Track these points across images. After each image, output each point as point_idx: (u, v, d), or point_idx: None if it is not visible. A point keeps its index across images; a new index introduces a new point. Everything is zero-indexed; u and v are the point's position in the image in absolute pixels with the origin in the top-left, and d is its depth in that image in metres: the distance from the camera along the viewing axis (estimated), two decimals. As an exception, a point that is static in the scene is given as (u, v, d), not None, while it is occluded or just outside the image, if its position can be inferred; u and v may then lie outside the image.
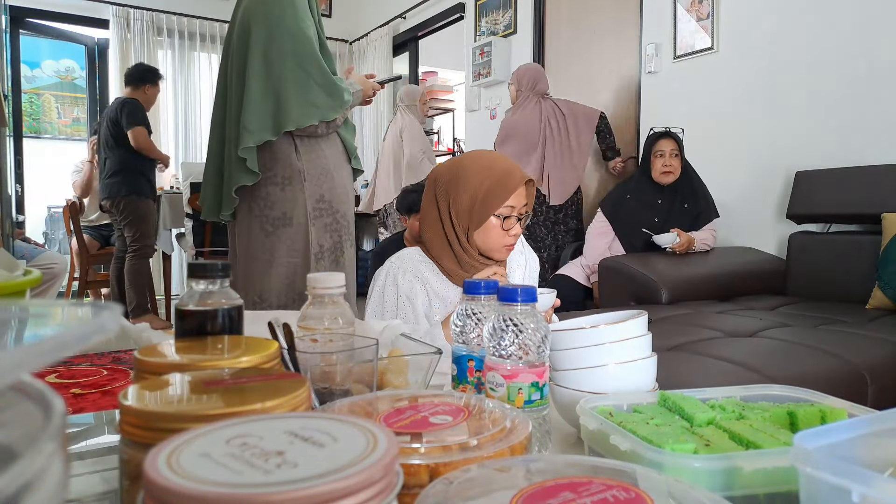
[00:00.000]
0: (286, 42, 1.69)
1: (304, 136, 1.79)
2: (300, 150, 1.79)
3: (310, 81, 1.71)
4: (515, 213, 1.29)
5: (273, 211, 1.80)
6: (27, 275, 0.74)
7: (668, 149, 2.86)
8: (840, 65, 2.69)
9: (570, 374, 0.70)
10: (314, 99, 1.72)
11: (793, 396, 0.63)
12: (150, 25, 5.39)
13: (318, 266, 1.83)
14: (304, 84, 1.71)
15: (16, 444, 0.23)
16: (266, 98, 1.72)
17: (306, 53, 1.69)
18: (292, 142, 1.79)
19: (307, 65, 1.70)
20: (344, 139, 1.90)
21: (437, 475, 0.40)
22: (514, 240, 1.31)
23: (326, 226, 1.84)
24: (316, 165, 1.81)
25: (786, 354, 1.69)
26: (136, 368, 0.49)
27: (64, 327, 0.31)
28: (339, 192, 1.86)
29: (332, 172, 1.84)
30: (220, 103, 1.89)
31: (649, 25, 3.52)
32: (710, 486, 0.45)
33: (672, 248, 2.74)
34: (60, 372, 0.69)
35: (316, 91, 1.72)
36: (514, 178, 1.28)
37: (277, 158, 1.79)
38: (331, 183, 1.84)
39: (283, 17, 1.68)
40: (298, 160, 1.79)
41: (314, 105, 1.72)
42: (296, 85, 1.70)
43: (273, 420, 0.36)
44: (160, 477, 0.28)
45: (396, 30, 5.65)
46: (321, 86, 1.72)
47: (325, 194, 1.83)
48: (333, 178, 1.84)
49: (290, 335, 0.61)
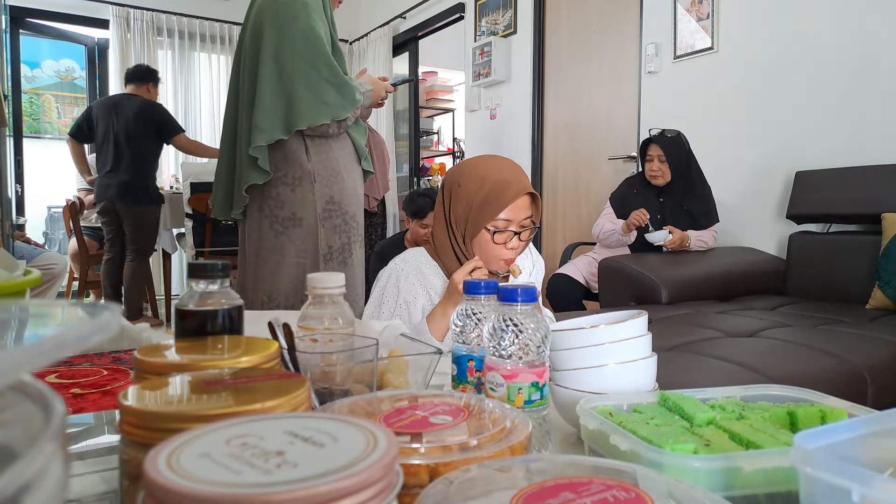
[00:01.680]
0: (298, 43, 1.69)
1: (315, 136, 1.79)
2: (311, 151, 1.80)
3: (321, 80, 1.71)
4: (514, 226, 1.24)
5: (283, 211, 1.81)
6: (27, 275, 0.74)
7: (654, 154, 2.87)
8: (840, 64, 2.69)
9: (570, 374, 0.70)
10: (325, 98, 1.72)
11: (793, 396, 0.63)
12: (150, 25, 5.39)
13: (327, 267, 1.83)
14: (316, 83, 1.71)
15: (16, 444, 0.23)
16: (278, 97, 1.73)
17: (318, 54, 1.70)
18: (303, 142, 1.79)
19: (319, 64, 1.70)
20: (354, 140, 1.90)
21: (437, 475, 0.40)
22: (511, 254, 1.27)
23: (336, 227, 1.85)
24: (326, 167, 1.81)
25: (786, 354, 1.69)
26: (136, 368, 0.49)
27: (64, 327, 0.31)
28: (348, 193, 1.86)
29: (342, 174, 1.84)
30: (232, 104, 1.90)
31: (649, 25, 3.52)
32: (710, 486, 0.45)
33: (665, 246, 2.74)
34: (60, 372, 0.69)
35: (327, 90, 1.72)
36: (508, 191, 1.22)
37: (288, 159, 1.79)
38: (341, 184, 1.84)
39: (295, 19, 1.69)
40: (309, 161, 1.79)
41: (325, 104, 1.72)
42: (307, 84, 1.71)
43: (273, 420, 0.36)
44: (160, 477, 0.28)
45: (396, 30, 5.66)
46: (332, 84, 1.73)
47: (335, 195, 1.84)
48: (343, 179, 1.85)
49: (290, 335, 0.61)
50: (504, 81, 4.48)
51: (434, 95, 6.24)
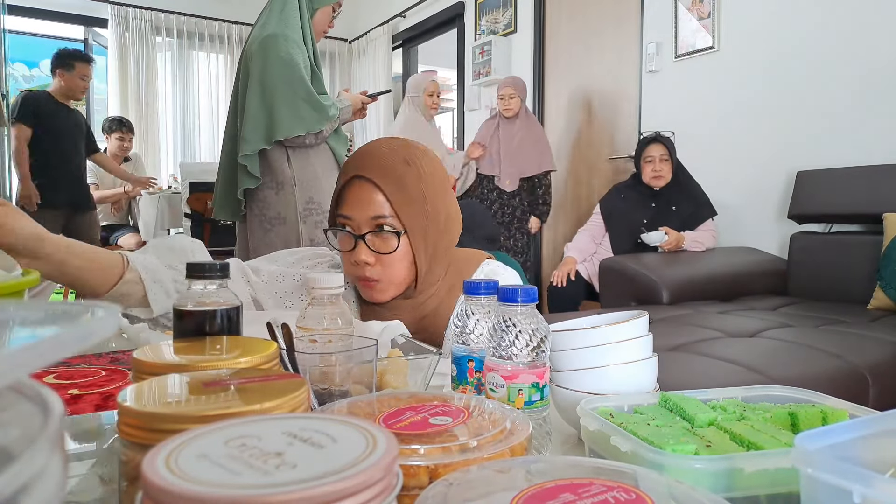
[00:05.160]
0: (278, 68, 2.00)
1: (295, 146, 2.08)
2: (291, 160, 2.08)
3: (297, 99, 2.01)
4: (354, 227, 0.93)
5: (269, 211, 2.11)
6: (26, 275, 0.74)
7: (657, 154, 2.87)
8: (842, 64, 2.69)
9: (571, 374, 0.70)
10: (301, 113, 2.02)
11: (794, 397, 0.62)
12: (149, 25, 5.40)
13: None
14: (292, 101, 2.01)
15: (14, 445, 0.23)
16: (260, 113, 2.02)
17: (295, 77, 2.00)
18: (285, 152, 2.08)
19: (296, 86, 2.01)
20: (333, 149, 2.19)
21: (436, 476, 0.40)
22: (358, 270, 0.93)
23: (317, 223, 2.11)
24: (306, 172, 2.10)
25: (787, 355, 1.69)
26: (135, 369, 0.49)
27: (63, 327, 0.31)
28: (326, 194, 2.11)
29: (320, 179, 2.12)
30: (231, 120, 2.19)
31: (650, 24, 3.52)
32: (711, 487, 0.45)
33: (661, 247, 2.75)
34: (58, 372, 0.68)
35: (302, 106, 2.02)
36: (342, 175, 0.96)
37: (272, 167, 2.08)
38: (319, 187, 2.11)
39: (276, 49, 2.01)
40: (290, 168, 2.08)
41: (301, 118, 2.02)
42: (285, 102, 2.00)
43: (272, 421, 0.36)
44: (158, 478, 0.28)
45: (396, 28, 5.66)
46: (307, 102, 2.03)
47: (314, 196, 2.11)
48: (321, 182, 2.11)
49: (289, 336, 0.60)
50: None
51: (434, 95, 6.23)
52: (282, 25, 2.04)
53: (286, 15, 2.07)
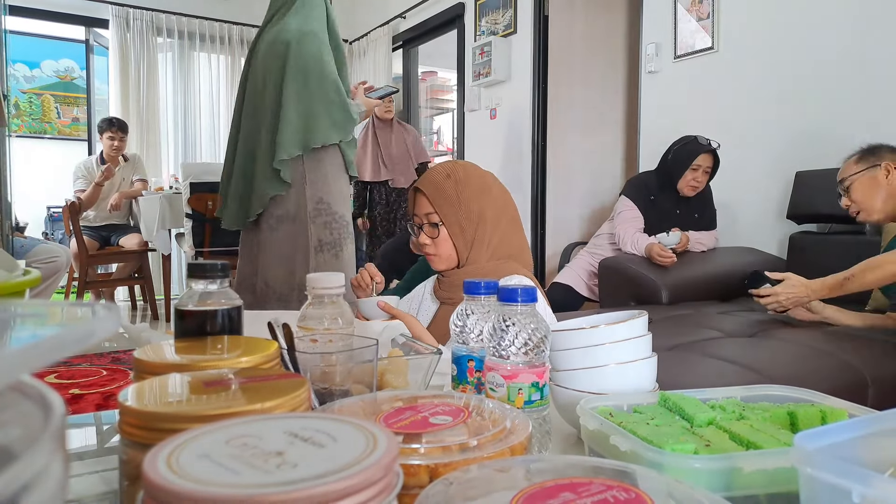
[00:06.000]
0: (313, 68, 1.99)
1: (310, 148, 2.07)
2: (305, 161, 2.08)
3: (332, 105, 2.03)
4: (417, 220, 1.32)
5: (279, 210, 2.09)
6: (27, 275, 0.74)
7: (704, 164, 2.76)
8: (840, 64, 2.69)
9: (571, 374, 0.70)
10: (335, 117, 2.04)
11: (793, 397, 0.63)
12: (150, 25, 5.39)
13: (318, 258, 2.09)
14: (328, 106, 2.02)
15: (15, 444, 0.23)
16: (299, 120, 2.03)
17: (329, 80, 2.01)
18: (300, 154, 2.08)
19: (328, 89, 2.01)
20: (344, 152, 2.17)
21: (436, 476, 0.40)
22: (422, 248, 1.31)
23: (326, 223, 2.10)
24: (318, 174, 2.09)
25: (786, 355, 1.68)
26: (136, 368, 0.49)
27: (64, 327, 0.31)
28: (335, 196, 2.13)
29: (329, 181, 2.12)
30: (247, 122, 2.16)
31: (649, 25, 3.52)
32: (711, 486, 0.45)
33: (674, 248, 2.73)
34: (60, 372, 0.68)
35: (336, 111, 2.04)
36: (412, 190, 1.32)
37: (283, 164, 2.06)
38: (329, 188, 2.11)
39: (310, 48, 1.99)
40: (303, 168, 2.08)
41: (335, 124, 2.05)
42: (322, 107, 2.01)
43: (273, 420, 0.36)
44: (160, 477, 0.28)
45: (396, 29, 5.65)
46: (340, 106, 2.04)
47: (324, 197, 2.10)
48: (331, 184, 2.12)
49: (290, 335, 0.61)
50: (504, 81, 4.48)
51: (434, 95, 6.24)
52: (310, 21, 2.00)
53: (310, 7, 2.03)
